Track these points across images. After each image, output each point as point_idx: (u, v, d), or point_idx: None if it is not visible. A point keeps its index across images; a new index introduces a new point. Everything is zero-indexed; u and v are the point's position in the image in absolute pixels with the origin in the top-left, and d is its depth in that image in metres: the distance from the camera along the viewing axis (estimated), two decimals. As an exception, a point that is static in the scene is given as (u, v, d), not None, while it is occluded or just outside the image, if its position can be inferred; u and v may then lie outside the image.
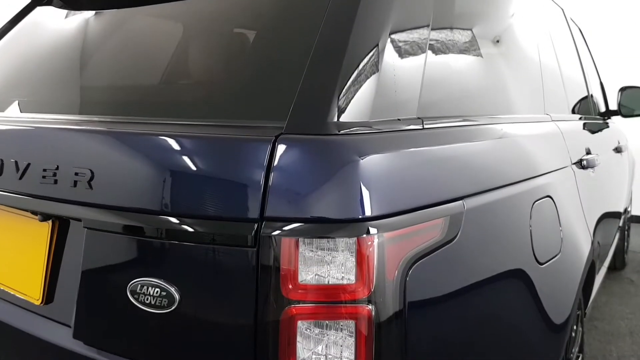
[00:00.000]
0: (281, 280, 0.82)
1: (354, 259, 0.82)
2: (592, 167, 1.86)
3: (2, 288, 1.14)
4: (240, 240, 0.83)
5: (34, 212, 1.04)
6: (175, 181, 0.88)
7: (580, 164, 1.73)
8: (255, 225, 0.82)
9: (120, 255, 0.92)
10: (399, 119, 0.99)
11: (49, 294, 1.06)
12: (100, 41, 1.33)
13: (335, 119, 0.89)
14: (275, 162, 0.83)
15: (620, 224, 3.07)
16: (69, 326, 1.00)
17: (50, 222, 1.04)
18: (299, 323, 0.83)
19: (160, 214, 0.88)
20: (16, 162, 1.04)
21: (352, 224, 0.82)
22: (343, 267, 0.82)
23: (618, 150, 2.80)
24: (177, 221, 0.87)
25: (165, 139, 0.91)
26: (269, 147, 0.83)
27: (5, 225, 1.15)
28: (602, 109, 3.02)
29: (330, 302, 0.83)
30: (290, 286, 0.82)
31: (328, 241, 0.82)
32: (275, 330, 0.83)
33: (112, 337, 0.94)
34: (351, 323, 0.83)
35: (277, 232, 0.82)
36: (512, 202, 1.18)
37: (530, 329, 1.19)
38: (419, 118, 1.03)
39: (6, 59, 1.48)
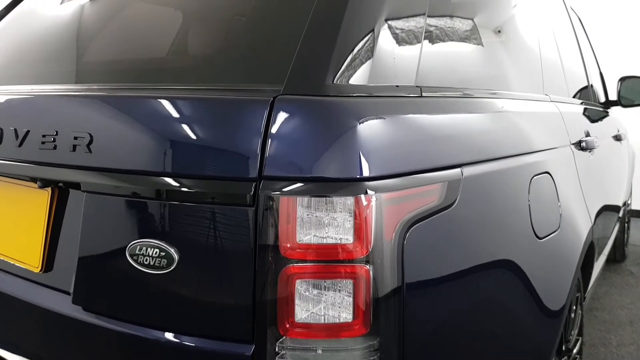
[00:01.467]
0: (279, 239, 0.82)
1: (351, 219, 0.82)
2: (591, 149, 1.86)
3: (1, 258, 1.15)
4: (239, 199, 0.83)
5: (34, 179, 1.04)
6: (174, 142, 0.88)
7: (579, 145, 1.74)
8: (254, 185, 0.83)
9: (119, 218, 0.92)
10: (397, 86, 0.99)
11: (49, 261, 1.06)
12: (97, 14, 1.33)
13: (333, 82, 0.89)
14: (274, 122, 0.83)
15: (620, 215, 3.07)
16: (69, 293, 1.01)
17: (49, 189, 1.05)
18: (298, 282, 0.83)
19: (159, 175, 0.88)
20: (15, 130, 1.04)
21: (350, 184, 0.82)
22: (341, 227, 0.83)
23: (618, 138, 2.80)
24: (176, 182, 0.87)
25: (163, 102, 0.91)
26: (267, 108, 0.84)
27: (5, 196, 1.15)
28: (602, 99, 3.02)
29: (329, 262, 0.83)
30: (289, 245, 0.82)
31: (326, 200, 0.82)
32: (274, 290, 0.83)
33: (111, 300, 0.94)
34: (349, 282, 0.83)
35: (275, 191, 0.82)
36: (511, 175, 1.18)
37: (528, 302, 1.19)
38: (417, 86, 1.03)
39: (6, 37, 1.48)
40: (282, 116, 0.83)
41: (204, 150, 0.86)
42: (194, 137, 0.87)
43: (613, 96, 3.11)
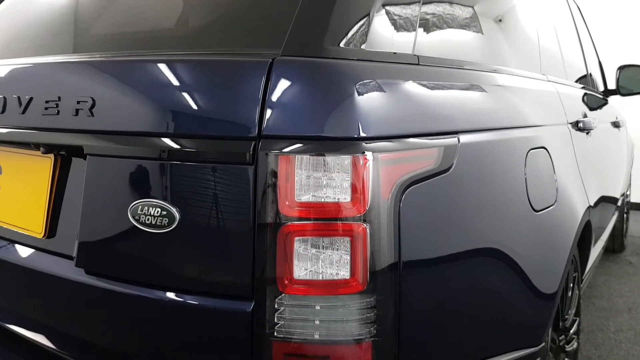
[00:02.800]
0: (278, 197, 0.84)
1: (349, 178, 0.84)
2: (589, 130, 1.87)
3: (5, 227, 1.17)
4: (239, 158, 0.85)
5: (37, 145, 1.05)
6: (175, 103, 0.90)
7: (576, 125, 1.75)
8: (253, 144, 0.84)
9: (121, 179, 0.94)
10: (394, 53, 1.01)
11: (52, 227, 1.08)
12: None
13: (331, 45, 0.91)
14: (273, 83, 0.85)
15: (619, 204, 3.08)
16: (72, 257, 1.02)
17: (52, 157, 1.06)
18: (296, 240, 0.85)
19: (161, 136, 0.90)
20: (19, 98, 1.06)
21: (348, 143, 0.84)
22: (338, 186, 0.84)
23: (616, 125, 2.81)
24: (177, 142, 0.89)
25: (163, 64, 0.93)
26: (266, 68, 0.85)
27: (9, 165, 1.17)
28: (601, 88, 3.03)
29: (326, 220, 0.84)
30: (287, 203, 0.84)
31: (324, 159, 0.84)
32: (273, 247, 0.85)
33: (114, 262, 0.96)
34: (347, 240, 0.85)
35: (274, 149, 0.84)
36: (507, 146, 1.20)
37: (524, 272, 1.20)
38: (415, 55, 1.05)
39: (9, 16, 1.50)
40: (281, 77, 0.85)
41: (204, 110, 0.88)
42: (194, 98, 0.89)
43: (612, 86, 3.13)
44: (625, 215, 3.93)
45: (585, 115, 1.92)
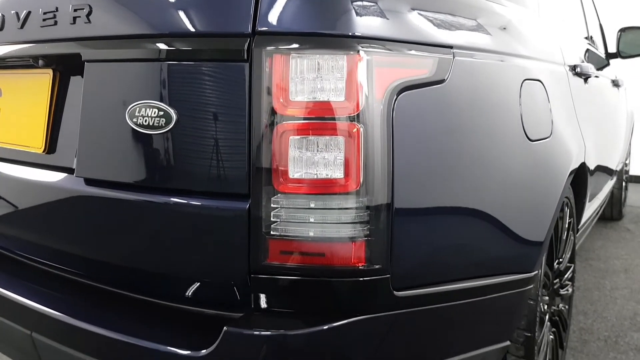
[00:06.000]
0: (273, 95, 0.85)
1: (343, 76, 0.85)
2: (587, 76, 1.87)
3: (6, 147, 1.18)
4: (233, 55, 0.86)
5: (36, 59, 1.06)
6: (170, 4, 0.91)
7: (574, 69, 1.75)
8: (247, 40, 0.85)
9: (118, 83, 0.95)
10: (389, -34, 1.01)
11: (52, 142, 1.10)
12: None
13: None
14: None
15: (617, 168, 3.09)
16: (72, 169, 1.04)
17: (51, 71, 1.08)
18: (290, 139, 0.86)
19: (156, 37, 0.91)
20: (16, 13, 1.07)
21: (342, 41, 0.85)
22: (333, 84, 0.85)
23: (615, 84, 2.81)
24: (173, 42, 0.90)
25: None
26: None
27: (8, 86, 1.19)
28: (602, 50, 3.02)
29: (321, 118, 0.86)
30: (282, 100, 0.85)
31: (319, 56, 0.85)
32: (268, 147, 0.86)
33: (112, 167, 0.97)
34: (340, 140, 0.86)
35: (268, 46, 0.85)
36: (502, 70, 1.20)
37: (517, 196, 1.21)
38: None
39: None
40: None
41: (198, 9, 0.89)
42: (189, -2, 0.90)
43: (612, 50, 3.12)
44: (624, 184, 3.94)
45: (583, 61, 1.92)
